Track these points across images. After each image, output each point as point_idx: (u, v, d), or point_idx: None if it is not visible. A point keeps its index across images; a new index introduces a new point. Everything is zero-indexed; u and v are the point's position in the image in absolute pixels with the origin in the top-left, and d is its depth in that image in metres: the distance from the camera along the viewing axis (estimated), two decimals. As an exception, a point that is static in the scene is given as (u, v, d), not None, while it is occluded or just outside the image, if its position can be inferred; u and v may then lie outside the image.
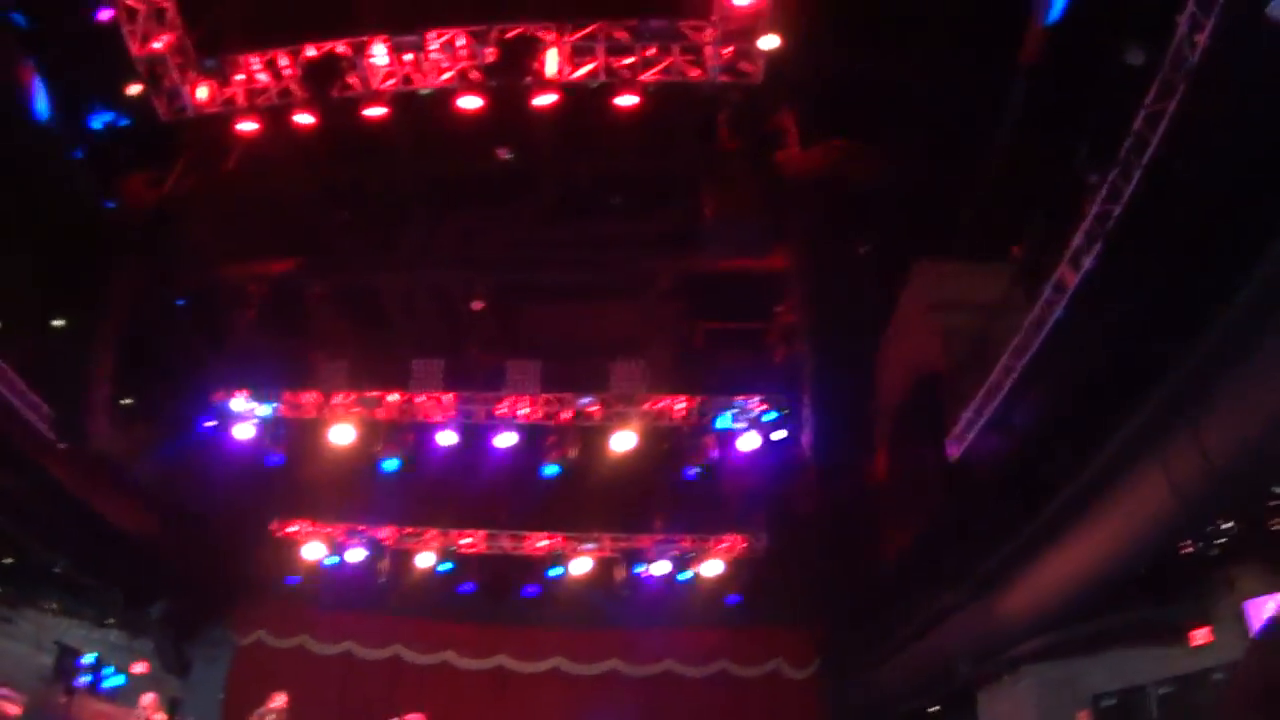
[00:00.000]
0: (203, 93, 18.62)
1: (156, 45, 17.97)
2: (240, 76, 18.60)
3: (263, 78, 18.56)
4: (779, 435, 22.31)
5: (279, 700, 17.83)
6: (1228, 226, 9.80)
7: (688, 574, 24.23)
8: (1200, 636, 13.88)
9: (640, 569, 24.01)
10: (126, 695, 21.15)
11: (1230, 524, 11.91)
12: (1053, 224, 13.45)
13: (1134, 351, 11.80)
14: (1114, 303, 11.85)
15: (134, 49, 17.87)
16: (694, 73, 18.68)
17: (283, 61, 18.45)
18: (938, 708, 20.90)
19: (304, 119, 18.34)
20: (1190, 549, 12.54)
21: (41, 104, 17.68)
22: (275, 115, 18.58)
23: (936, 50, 16.20)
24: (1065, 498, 13.72)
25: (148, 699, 16.47)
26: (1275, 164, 8.81)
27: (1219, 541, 12.20)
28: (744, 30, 17.98)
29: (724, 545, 24.21)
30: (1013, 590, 15.62)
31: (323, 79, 17.87)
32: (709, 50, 18.41)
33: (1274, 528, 11.57)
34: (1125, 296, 11.67)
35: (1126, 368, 11.98)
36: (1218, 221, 9.88)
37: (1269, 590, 12.54)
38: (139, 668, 23.40)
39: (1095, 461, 12.93)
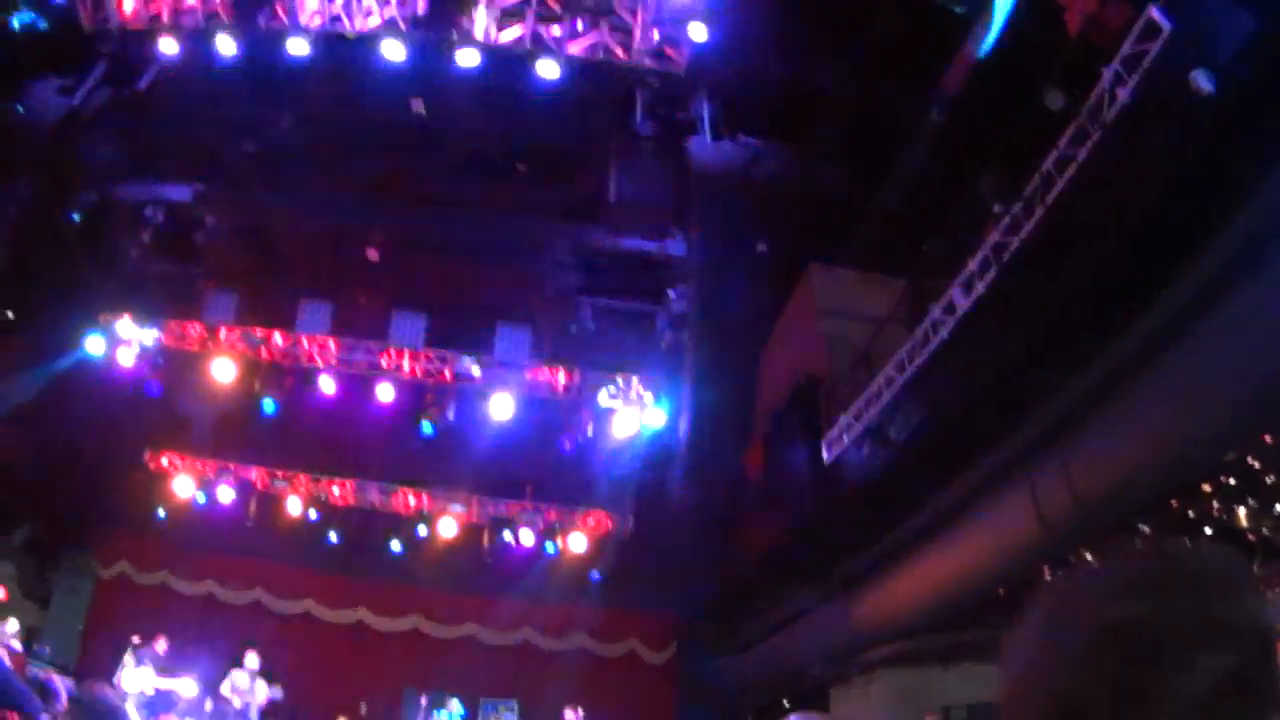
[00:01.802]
0: (129, 5, 18.17)
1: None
2: (169, -8, 18.26)
3: (191, -2, 18.24)
4: (656, 420, 22.58)
5: (160, 644, 17.60)
6: (1118, 273, 10.20)
7: (553, 546, 24.38)
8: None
9: (506, 536, 24.07)
10: (-17, 619, 20.56)
11: (1091, 555, 12.44)
12: (950, 247, 13.79)
13: (1013, 380, 12.21)
14: (999, 330, 12.19)
15: (67, -51, 17.49)
16: (619, 52, 18.77)
17: (215, -17, 18.16)
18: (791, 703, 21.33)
19: (226, 46, 18.01)
20: (1051, 576, 13.07)
21: None
22: (198, 38, 18.22)
23: (862, 65, 16.57)
24: (931, 512, 14.18)
25: (10, 626, 15.99)
26: (1171, 224, 9.25)
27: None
28: (675, 17, 18.15)
29: (591, 522, 24.39)
30: (870, 596, 16.07)
31: (250, 6, 17.57)
32: (638, 33, 18.54)
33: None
34: (1011, 326, 12.02)
35: (1004, 394, 12.38)
36: (1109, 267, 10.26)
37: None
38: None
39: (964, 480, 13.41)
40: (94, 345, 21.71)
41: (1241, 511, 11.02)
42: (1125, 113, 8.97)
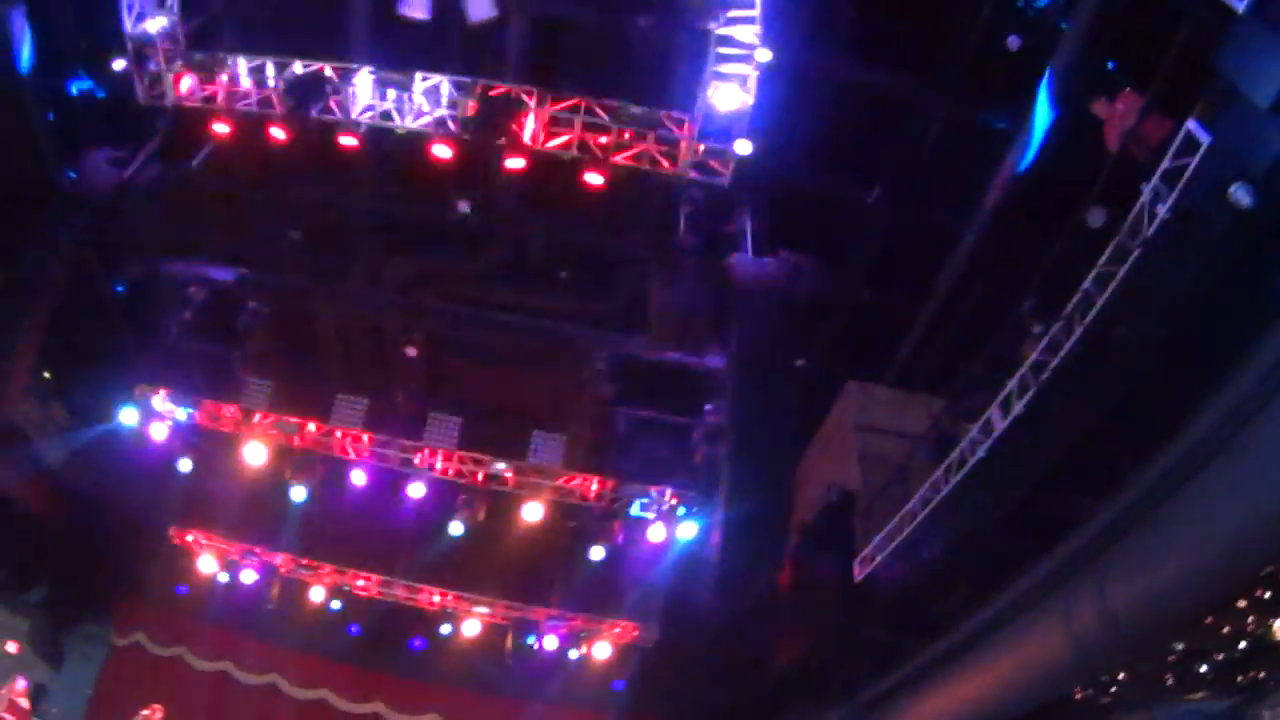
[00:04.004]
0: (185, 84, 18.70)
1: (149, 26, 18.07)
2: (224, 77, 18.68)
3: (246, 83, 18.66)
4: (687, 530, 22.41)
5: (157, 714, 17.43)
6: (1156, 395, 10.09)
7: (577, 653, 24.04)
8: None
9: (530, 640, 23.76)
10: (-9, 672, 20.46)
11: (1124, 674, 12.15)
12: (988, 367, 13.70)
13: (1048, 500, 12.03)
14: (1036, 451, 12.04)
15: (127, 24, 17.96)
16: (665, 163, 19.00)
17: (269, 71, 18.55)
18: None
19: (277, 132, 18.40)
20: (1081, 695, 12.74)
21: (25, 55, 17.58)
22: (250, 122, 18.61)
23: (904, 182, 16.68)
24: (963, 633, 13.86)
25: (19, 684, 15.87)
26: (1210, 339, 9.17)
27: (1112, 690, 12.43)
28: (720, 131, 18.38)
29: (616, 630, 24.09)
30: (896, 718, 15.69)
31: (304, 97, 17.99)
32: (684, 144, 18.77)
33: (1167, 682, 11.84)
34: (1048, 446, 11.87)
35: (1038, 515, 12.19)
36: (1147, 388, 10.15)
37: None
38: (11, 647, 22.66)
39: (996, 602, 13.13)
40: (128, 416, 21.88)
41: (1277, 625, 10.75)
42: (1165, 228, 8.94)
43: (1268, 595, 10.43)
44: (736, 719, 22.26)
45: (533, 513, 22.38)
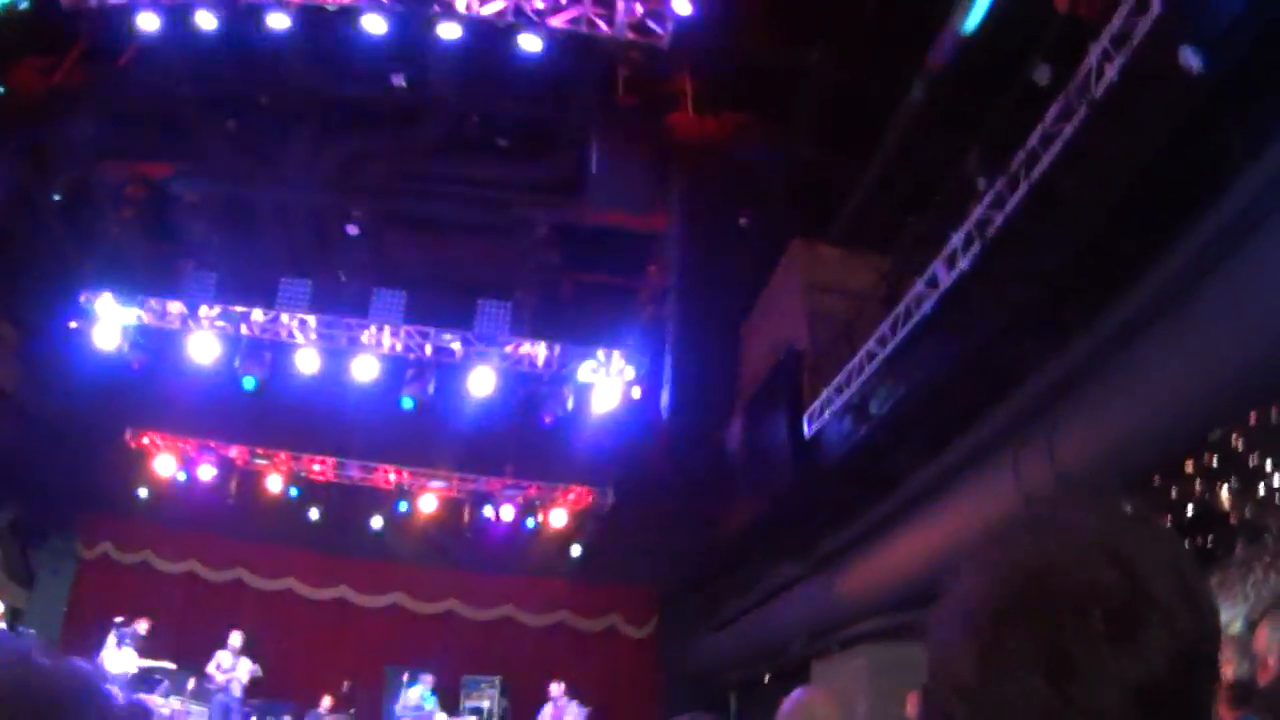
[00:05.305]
0: (108, -19, 18.00)
1: (67, -75, 17.36)
2: (147, -32, 18.01)
3: (170, -28, 18.00)
4: (637, 393, 22.57)
5: (142, 625, 17.60)
6: (1104, 253, 10.25)
7: (534, 521, 24.38)
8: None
9: (487, 512, 24.00)
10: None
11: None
12: (934, 224, 13.80)
13: (995, 354, 12.25)
14: (982, 306, 12.21)
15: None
16: (602, 25, 18.67)
17: (192, -42, 17.93)
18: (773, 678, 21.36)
19: (205, 20, 17.82)
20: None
21: None
22: (177, 13, 18.00)
23: (846, 41, 16.50)
24: (913, 487, 14.23)
25: None
26: (1156, 201, 9.29)
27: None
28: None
29: (571, 496, 24.39)
30: (853, 571, 16.13)
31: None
32: (620, 5, 18.42)
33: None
34: (994, 301, 12.05)
35: (986, 369, 12.42)
36: (1094, 245, 10.30)
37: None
38: None
39: (946, 456, 13.45)
40: (75, 325, 21.48)
41: (1224, 492, 11.10)
42: (1112, 90, 8.97)
43: (1215, 463, 10.73)
44: (695, 579, 22.83)
45: (481, 382, 22.33)
